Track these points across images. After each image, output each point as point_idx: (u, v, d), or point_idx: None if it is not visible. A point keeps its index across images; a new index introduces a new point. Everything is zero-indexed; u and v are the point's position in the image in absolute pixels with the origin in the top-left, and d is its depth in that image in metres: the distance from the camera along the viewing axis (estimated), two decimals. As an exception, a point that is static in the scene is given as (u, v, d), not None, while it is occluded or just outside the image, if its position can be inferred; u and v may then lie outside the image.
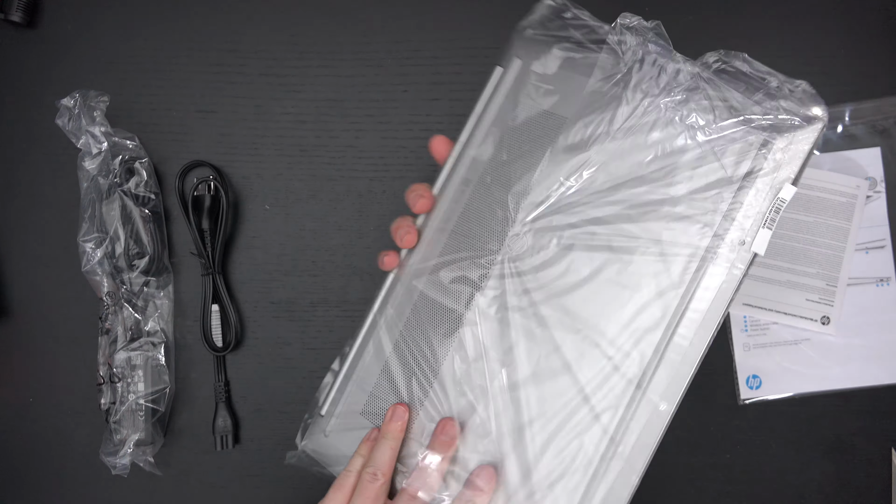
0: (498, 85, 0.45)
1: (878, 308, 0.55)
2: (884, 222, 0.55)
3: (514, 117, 0.44)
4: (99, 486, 0.58)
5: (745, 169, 0.38)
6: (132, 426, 0.55)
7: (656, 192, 0.39)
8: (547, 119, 0.43)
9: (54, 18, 0.60)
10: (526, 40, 0.44)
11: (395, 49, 0.58)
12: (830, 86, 0.56)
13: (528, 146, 0.43)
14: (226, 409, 0.58)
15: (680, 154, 0.39)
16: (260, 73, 0.59)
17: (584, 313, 0.41)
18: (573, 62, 0.42)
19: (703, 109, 0.38)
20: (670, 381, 0.39)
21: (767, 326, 0.56)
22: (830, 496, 0.56)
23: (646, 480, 0.57)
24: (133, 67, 0.59)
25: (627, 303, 0.40)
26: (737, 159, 0.38)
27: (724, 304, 0.38)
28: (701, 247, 0.38)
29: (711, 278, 0.38)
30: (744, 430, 0.56)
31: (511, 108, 0.44)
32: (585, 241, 0.41)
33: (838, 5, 0.56)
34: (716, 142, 0.38)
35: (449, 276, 0.45)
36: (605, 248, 0.41)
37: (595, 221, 0.41)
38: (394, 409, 0.44)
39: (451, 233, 0.45)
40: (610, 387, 0.40)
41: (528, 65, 0.44)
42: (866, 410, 0.55)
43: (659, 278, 0.39)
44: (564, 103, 0.43)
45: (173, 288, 0.58)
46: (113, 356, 0.55)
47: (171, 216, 0.59)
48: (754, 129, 0.37)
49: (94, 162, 0.55)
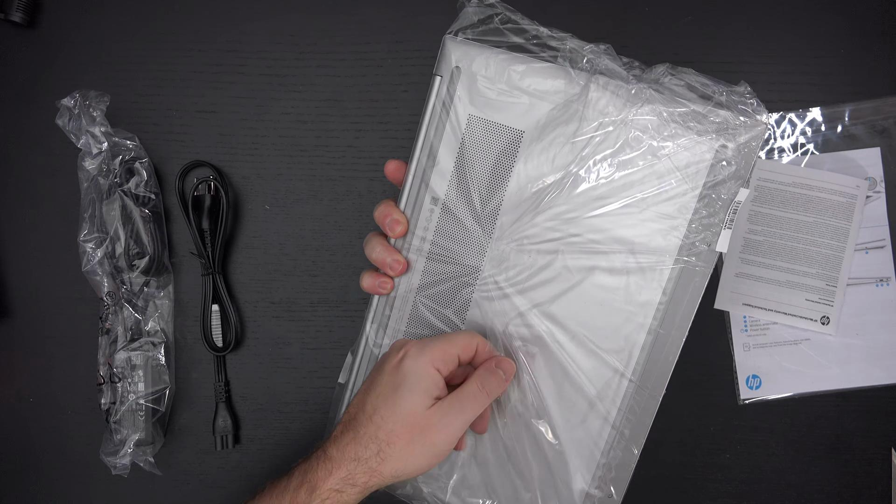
0: (439, 95, 0.44)
1: (877, 308, 0.55)
2: (884, 222, 0.55)
3: (466, 130, 0.44)
4: (99, 486, 0.58)
5: (703, 178, 0.41)
6: (132, 426, 0.55)
7: (624, 203, 0.42)
8: (501, 131, 0.43)
9: (54, 18, 0.60)
10: (460, 46, 0.43)
11: (395, 49, 0.58)
12: (830, 86, 0.56)
13: (488, 160, 0.44)
14: (226, 409, 0.58)
15: (642, 167, 0.42)
16: (260, 73, 0.59)
17: (571, 319, 0.44)
18: (516, 69, 0.42)
19: (658, 124, 0.41)
20: (658, 373, 0.44)
21: (767, 326, 0.56)
22: (830, 496, 0.56)
23: (646, 480, 0.57)
24: (133, 67, 0.59)
25: (611, 307, 0.43)
26: (695, 169, 0.41)
27: (696, 300, 0.43)
28: (671, 251, 0.42)
29: (683, 278, 0.42)
30: (744, 430, 0.56)
31: (459, 119, 0.44)
32: (565, 251, 0.44)
33: (838, 5, 0.56)
34: (674, 154, 0.41)
35: (434, 297, 0.47)
36: (584, 257, 0.43)
37: (570, 234, 0.43)
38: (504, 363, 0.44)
39: (428, 254, 0.46)
40: (609, 383, 0.44)
41: (469, 72, 0.43)
42: (866, 410, 0.56)
43: (636, 283, 0.43)
44: (516, 116, 0.43)
45: (173, 288, 0.58)
46: (113, 356, 0.55)
47: (171, 216, 0.59)
48: (706, 139, 0.40)
49: (94, 162, 0.55)
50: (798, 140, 0.56)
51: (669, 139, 0.41)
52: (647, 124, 0.41)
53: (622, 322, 0.43)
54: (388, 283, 0.47)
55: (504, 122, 0.43)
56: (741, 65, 0.56)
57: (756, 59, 0.56)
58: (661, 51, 0.56)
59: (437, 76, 0.44)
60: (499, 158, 0.43)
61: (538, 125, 0.42)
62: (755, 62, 0.56)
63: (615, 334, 0.43)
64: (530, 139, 0.43)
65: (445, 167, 0.44)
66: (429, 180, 0.45)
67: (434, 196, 0.45)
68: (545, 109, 0.42)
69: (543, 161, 0.43)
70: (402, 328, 0.48)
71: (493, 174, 0.44)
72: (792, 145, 0.56)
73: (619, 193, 0.42)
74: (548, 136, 0.42)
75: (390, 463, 0.40)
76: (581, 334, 0.44)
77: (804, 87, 0.56)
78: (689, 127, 0.40)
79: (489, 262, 0.45)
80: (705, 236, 0.41)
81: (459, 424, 0.41)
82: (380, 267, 0.47)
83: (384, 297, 0.48)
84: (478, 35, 0.44)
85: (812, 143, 0.56)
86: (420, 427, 0.41)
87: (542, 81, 0.42)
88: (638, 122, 0.41)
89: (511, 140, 0.43)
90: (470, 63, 0.43)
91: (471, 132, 0.44)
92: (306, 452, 0.58)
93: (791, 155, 0.56)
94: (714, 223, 0.41)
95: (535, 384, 0.44)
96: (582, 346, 0.44)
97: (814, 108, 0.55)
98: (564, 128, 0.42)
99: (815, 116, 0.56)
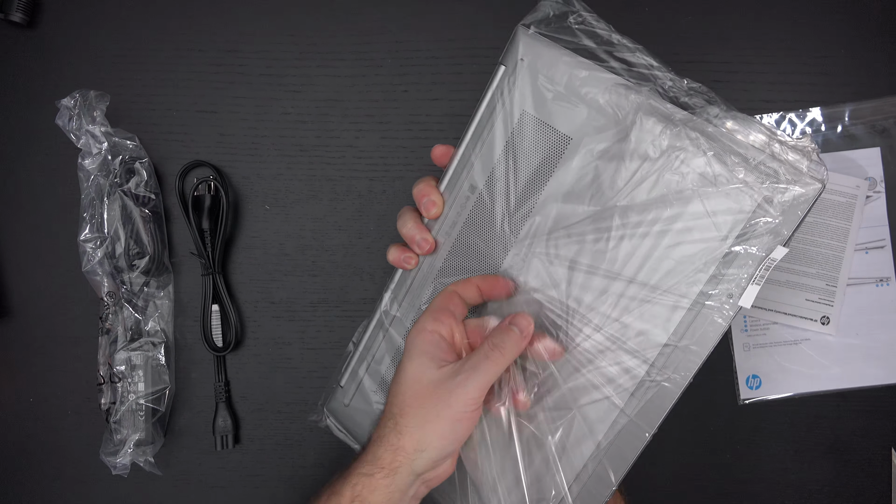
0: (500, 86, 0.43)
1: (877, 308, 0.55)
2: (884, 222, 0.55)
3: (517, 125, 0.43)
4: (99, 486, 0.58)
5: (740, 229, 0.37)
6: (132, 426, 0.55)
7: (653, 243, 0.40)
8: (549, 134, 0.42)
9: (54, 18, 0.60)
10: (530, 40, 0.42)
11: (395, 49, 0.58)
12: (830, 86, 0.56)
13: (533, 160, 0.43)
14: (226, 409, 0.58)
15: (678, 210, 0.39)
16: (260, 73, 0.59)
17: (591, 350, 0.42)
18: (578, 74, 0.41)
19: (702, 169, 0.38)
20: (653, 412, 0.40)
21: (767, 326, 0.56)
22: (830, 496, 0.56)
23: (646, 480, 0.57)
24: (133, 67, 0.59)
25: (617, 339, 0.41)
26: (733, 219, 0.38)
27: (706, 350, 0.39)
28: (690, 296, 0.39)
29: (697, 326, 0.39)
30: (744, 430, 0.56)
31: (513, 113, 0.43)
32: (582, 274, 0.42)
33: (838, 5, 0.56)
34: (712, 197, 0.38)
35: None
36: (600, 281, 0.41)
37: (590, 263, 0.41)
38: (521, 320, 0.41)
39: (455, 241, 0.46)
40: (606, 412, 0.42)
41: (533, 68, 0.42)
42: (866, 410, 0.56)
43: (653, 321, 0.40)
44: (569, 121, 0.41)
45: (173, 288, 0.58)
46: (113, 356, 0.55)
47: (171, 216, 0.59)
48: (752, 189, 0.37)
49: (94, 162, 0.55)
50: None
51: (712, 184, 0.37)
52: (692, 165, 0.38)
53: (626, 357, 0.41)
54: (413, 258, 0.47)
55: (554, 126, 0.42)
56: (741, 65, 0.56)
57: (756, 58, 0.56)
58: (661, 51, 0.56)
59: (502, 66, 0.43)
60: (542, 161, 0.42)
61: (586, 137, 0.41)
62: (755, 62, 0.56)
63: (616, 364, 0.41)
64: (574, 149, 0.41)
65: (489, 159, 0.44)
66: (472, 168, 0.44)
67: (473, 184, 0.45)
68: (596, 122, 0.40)
69: (582, 178, 0.41)
70: (418, 305, 0.48)
71: (533, 176, 0.43)
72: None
73: (651, 235, 0.39)
74: (591, 151, 0.41)
75: (409, 435, 0.39)
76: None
77: (804, 87, 0.56)
78: (736, 172, 0.37)
79: (510, 263, 0.44)
80: (728, 288, 0.38)
81: (473, 385, 0.38)
82: (408, 242, 0.47)
83: (406, 273, 0.48)
84: (550, 31, 0.42)
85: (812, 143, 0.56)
86: (430, 393, 0.39)
87: (600, 93, 0.40)
88: (683, 162, 0.38)
89: (557, 145, 0.42)
90: (535, 59, 0.42)
91: (520, 129, 0.43)
92: (306, 451, 0.58)
93: (791, 155, 0.56)
94: (740, 276, 0.38)
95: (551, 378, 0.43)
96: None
97: (814, 108, 0.55)
98: (610, 147, 0.40)
99: (815, 116, 0.56)
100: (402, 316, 0.48)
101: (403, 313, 0.48)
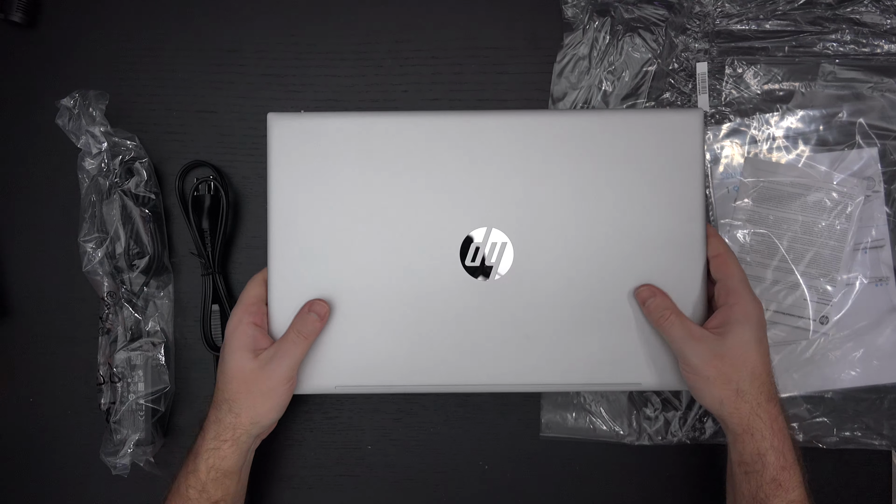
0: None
1: (877, 308, 0.55)
2: (882, 222, 0.55)
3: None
4: (99, 486, 0.58)
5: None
6: (132, 426, 0.55)
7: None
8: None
9: (54, 18, 0.60)
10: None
11: (395, 49, 0.58)
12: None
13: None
14: (226, 408, 0.58)
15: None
16: (260, 73, 0.59)
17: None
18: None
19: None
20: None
21: (767, 327, 0.55)
22: (830, 496, 0.56)
23: (646, 480, 0.57)
24: (133, 67, 0.59)
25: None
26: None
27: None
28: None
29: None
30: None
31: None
32: None
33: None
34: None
35: None
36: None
37: None
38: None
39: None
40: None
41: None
42: (865, 410, 0.56)
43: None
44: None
45: (173, 288, 0.58)
46: (113, 356, 0.55)
47: (171, 216, 0.59)
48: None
49: (94, 162, 0.55)
50: (797, 140, 0.56)
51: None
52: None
53: None
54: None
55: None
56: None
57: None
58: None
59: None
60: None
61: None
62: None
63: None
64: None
65: None
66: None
67: None
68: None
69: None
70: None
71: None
72: (791, 145, 0.56)
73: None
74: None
75: (244, 414, 0.47)
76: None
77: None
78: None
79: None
80: None
81: (285, 367, 0.47)
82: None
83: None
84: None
85: (810, 143, 0.56)
86: (252, 379, 0.47)
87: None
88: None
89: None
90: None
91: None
92: (306, 451, 0.58)
93: (790, 155, 0.56)
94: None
95: None
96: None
97: (813, 110, 0.56)
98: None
99: (814, 115, 0.56)
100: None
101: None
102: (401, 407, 0.58)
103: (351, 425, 0.58)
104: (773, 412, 0.45)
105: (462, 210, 0.48)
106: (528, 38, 0.58)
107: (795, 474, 0.44)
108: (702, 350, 0.45)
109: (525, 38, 0.58)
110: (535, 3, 0.58)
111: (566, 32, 0.58)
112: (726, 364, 0.44)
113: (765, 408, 0.44)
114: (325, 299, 0.48)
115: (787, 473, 0.44)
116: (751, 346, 0.45)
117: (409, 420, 0.58)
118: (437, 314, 0.48)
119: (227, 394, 0.48)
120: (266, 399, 0.48)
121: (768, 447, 0.44)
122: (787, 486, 0.44)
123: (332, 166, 0.48)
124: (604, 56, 0.57)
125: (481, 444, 0.57)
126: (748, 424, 0.44)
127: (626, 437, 0.56)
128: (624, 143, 0.48)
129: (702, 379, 0.45)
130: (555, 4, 0.58)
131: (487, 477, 0.57)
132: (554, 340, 0.49)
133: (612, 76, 0.57)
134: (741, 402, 0.44)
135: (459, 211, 0.48)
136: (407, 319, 0.49)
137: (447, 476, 0.57)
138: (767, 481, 0.44)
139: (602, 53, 0.57)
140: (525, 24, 0.58)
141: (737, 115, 0.56)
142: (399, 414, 0.58)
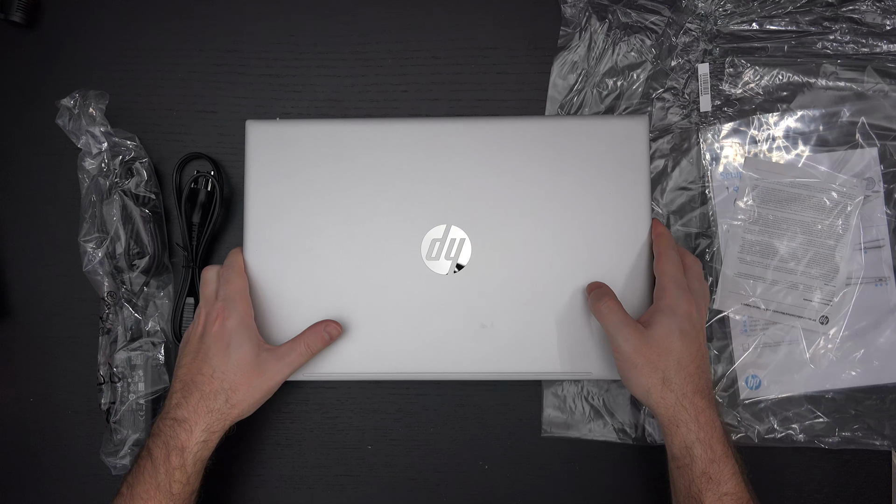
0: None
1: (877, 308, 0.55)
2: (882, 222, 0.55)
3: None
4: (99, 486, 0.58)
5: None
6: (132, 426, 0.55)
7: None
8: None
9: (54, 18, 0.60)
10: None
11: (395, 49, 0.58)
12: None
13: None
14: (226, 408, 0.57)
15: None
16: (260, 73, 0.59)
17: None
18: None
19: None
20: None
21: (766, 327, 0.56)
22: (830, 496, 0.56)
23: (646, 480, 0.57)
24: (133, 67, 0.59)
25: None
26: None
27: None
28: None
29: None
30: (743, 430, 0.56)
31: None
32: None
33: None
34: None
35: None
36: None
37: None
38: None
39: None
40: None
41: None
42: (865, 410, 0.55)
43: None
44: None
45: (173, 288, 0.58)
46: (113, 356, 0.55)
47: (172, 216, 0.59)
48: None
49: (95, 162, 0.55)
50: (797, 140, 0.56)
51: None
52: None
53: None
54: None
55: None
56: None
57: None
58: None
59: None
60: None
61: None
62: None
63: None
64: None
65: None
66: None
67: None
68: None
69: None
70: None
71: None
72: (791, 145, 0.56)
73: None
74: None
75: (238, 405, 0.49)
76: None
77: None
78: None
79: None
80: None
81: (287, 374, 0.50)
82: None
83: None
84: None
85: (810, 143, 0.56)
86: (256, 373, 0.49)
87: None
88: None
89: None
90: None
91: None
92: (306, 451, 0.58)
93: (790, 155, 0.56)
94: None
95: None
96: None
97: (815, 109, 0.56)
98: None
99: (814, 115, 0.56)
100: None
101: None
102: (401, 407, 0.58)
103: (351, 425, 0.58)
104: (700, 404, 0.46)
105: (424, 209, 0.52)
106: (528, 38, 0.58)
107: (726, 466, 0.45)
108: (632, 336, 0.47)
109: (525, 38, 0.58)
110: (534, 3, 0.58)
111: (564, 33, 0.58)
112: (653, 352, 0.46)
113: (690, 399, 0.46)
114: (302, 295, 0.52)
115: (716, 466, 0.45)
116: (674, 336, 0.47)
117: (409, 420, 0.58)
118: (401, 306, 0.52)
119: (225, 383, 0.48)
120: (260, 396, 0.50)
121: (694, 440, 0.45)
122: (717, 478, 0.45)
123: (305, 169, 0.52)
124: (601, 57, 0.57)
125: (481, 444, 0.57)
126: (674, 415, 0.46)
127: (627, 437, 0.56)
128: (574, 147, 0.52)
129: (631, 366, 0.47)
130: (554, 5, 0.58)
131: (487, 477, 0.57)
132: (510, 331, 0.52)
133: (609, 78, 0.57)
134: (667, 391, 0.46)
135: (421, 210, 0.52)
136: (372, 311, 0.52)
137: (447, 476, 0.57)
138: (698, 475, 0.45)
139: (599, 55, 0.57)
140: (525, 24, 0.58)
141: (737, 115, 0.56)
142: (399, 414, 0.58)
